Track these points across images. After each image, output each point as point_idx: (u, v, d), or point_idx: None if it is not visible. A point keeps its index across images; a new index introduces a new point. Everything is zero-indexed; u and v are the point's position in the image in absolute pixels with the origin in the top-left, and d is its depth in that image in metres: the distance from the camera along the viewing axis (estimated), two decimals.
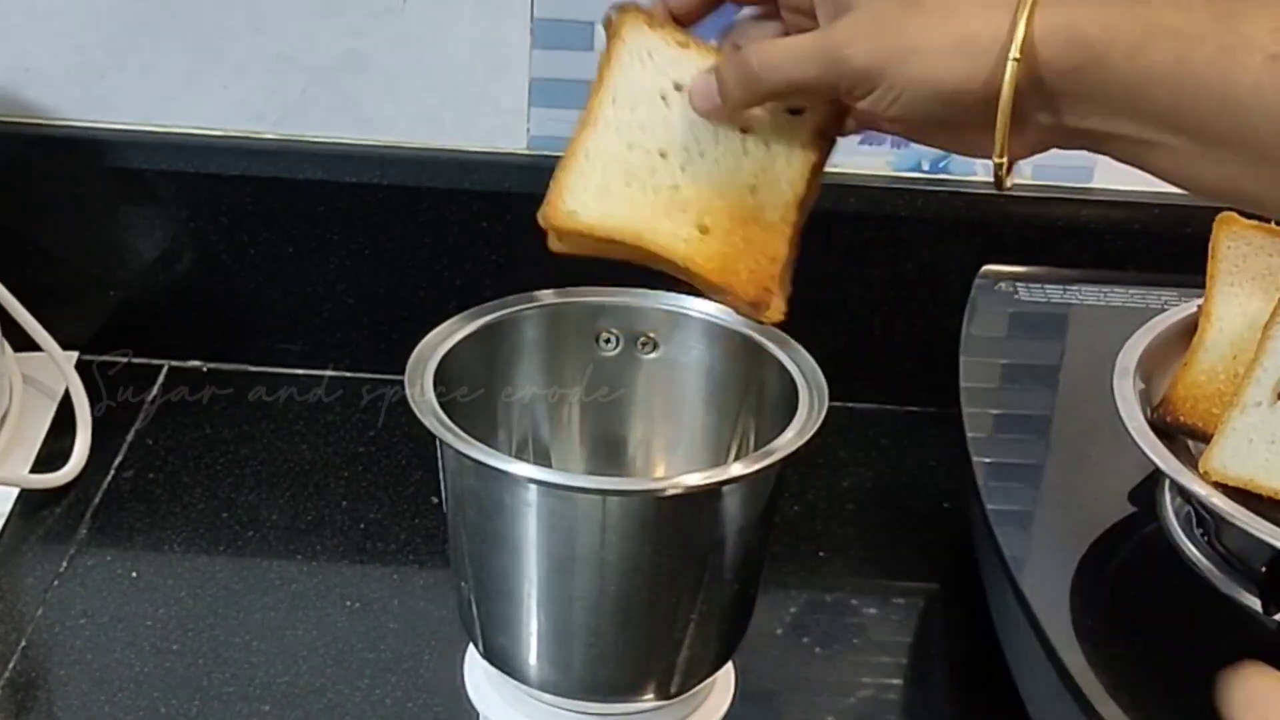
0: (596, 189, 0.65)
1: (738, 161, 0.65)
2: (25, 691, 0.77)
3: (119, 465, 0.93)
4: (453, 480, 0.66)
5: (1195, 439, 0.78)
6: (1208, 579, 0.75)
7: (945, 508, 0.94)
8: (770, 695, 0.80)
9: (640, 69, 0.66)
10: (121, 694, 0.77)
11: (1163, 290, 0.92)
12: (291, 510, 0.91)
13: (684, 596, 0.65)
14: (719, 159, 0.65)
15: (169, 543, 0.88)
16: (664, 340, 0.72)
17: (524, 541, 0.64)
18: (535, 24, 0.95)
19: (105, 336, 1.01)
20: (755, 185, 0.65)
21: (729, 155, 0.65)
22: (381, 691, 0.78)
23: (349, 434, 0.98)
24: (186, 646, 0.80)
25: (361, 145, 0.99)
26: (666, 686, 0.67)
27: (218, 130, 0.99)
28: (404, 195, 0.98)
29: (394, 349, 0.71)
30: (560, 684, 0.67)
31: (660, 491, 0.63)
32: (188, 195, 0.99)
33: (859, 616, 0.86)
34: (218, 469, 0.94)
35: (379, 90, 0.97)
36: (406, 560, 0.87)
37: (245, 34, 0.96)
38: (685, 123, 0.65)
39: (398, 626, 0.83)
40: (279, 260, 1.00)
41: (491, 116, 0.98)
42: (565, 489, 0.62)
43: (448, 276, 1.00)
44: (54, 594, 0.83)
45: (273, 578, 0.86)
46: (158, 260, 1.00)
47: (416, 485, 0.93)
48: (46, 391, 0.97)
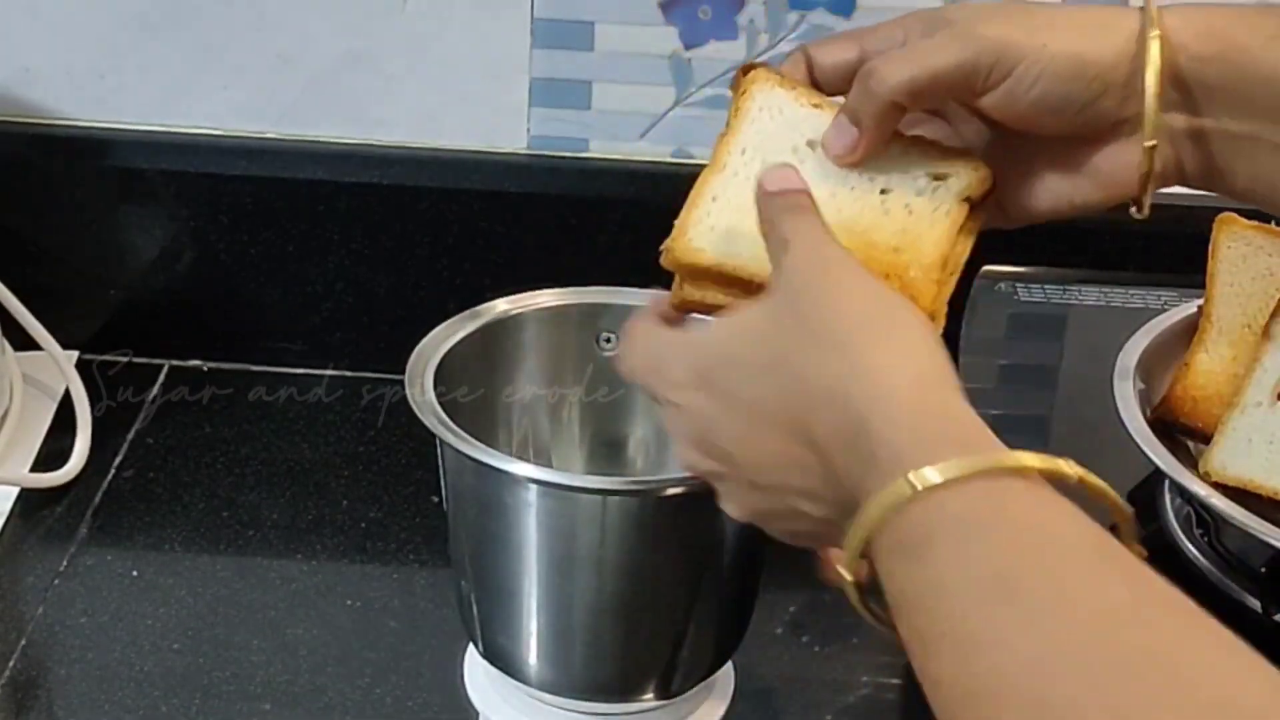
0: (724, 231, 0.61)
1: (876, 220, 0.61)
2: (26, 690, 0.77)
3: (119, 465, 0.93)
4: (453, 480, 0.66)
5: (1195, 439, 0.78)
6: (1208, 579, 0.75)
7: None
8: (770, 694, 0.80)
9: (770, 122, 0.62)
10: (122, 693, 0.77)
11: (1163, 290, 0.92)
12: (292, 510, 0.91)
13: (683, 596, 0.65)
14: (857, 215, 0.60)
15: (169, 542, 0.88)
16: None
17: (524, 541, 0.64)
18: (535, 24, 0.96)
19: (105, 336, 1.01)
20: (898, 246, 0.60)
21: (867, 212, 0.61)
22: (382, 690, 0.78)
23: (349, 434, 0.98)
24: (187, 645, 0.80)
25: (362, 145, 0.99)
26: (666, 686, 0.67)
27: (218, 130, 0.99)
28: (404, 195, 0.98)
29: (394, 349, 0.71)
30: (560, 683, 0.67)
31: (660, 491, 0.63)
32: (188, 195, 0.99)
33: (858, 616, 0.85)
34: (218, 468, 0.94)
35: (379, 90, 0.97)
36: (407, 560, 0.87)
37: (245, 34, 0.96)
38: (819, 177, 0.60)
39: (398, 626, 0.83)
40: (279, 260, 1.00)
41: (491, 116, 0.98)
42: (565, 489, 0.62)
43: (448, 276, 1.00)
44: (54, 593, 0.83)
45: (273, 577, 0.86)
46: (158, 260, 1.00)
47: (417, 485, 0.93)
48: (47, 391, 0.97)
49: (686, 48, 0.96)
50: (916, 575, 0.47)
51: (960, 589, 0.46)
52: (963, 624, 0.45)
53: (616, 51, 0.96)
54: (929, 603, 0.47)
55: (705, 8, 0.95)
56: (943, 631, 0.46)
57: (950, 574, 0.46)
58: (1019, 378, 0.91)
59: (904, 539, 0.48)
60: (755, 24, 0.95)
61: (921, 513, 0.47)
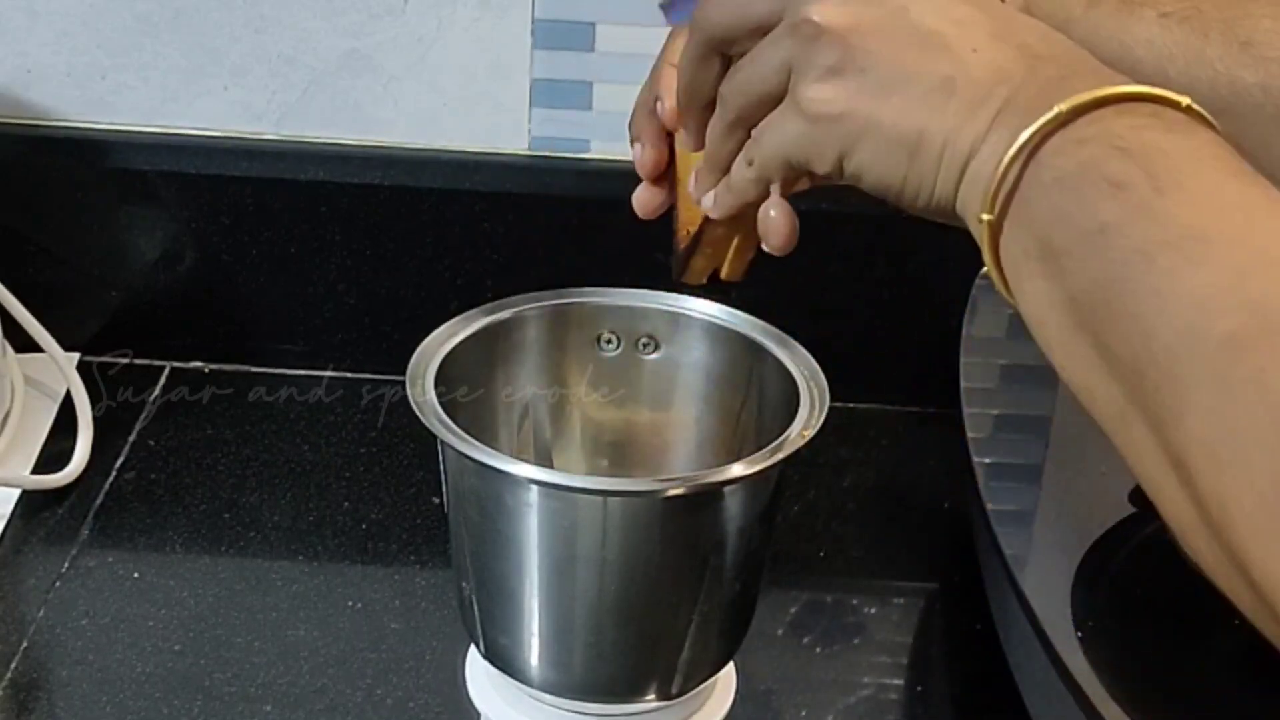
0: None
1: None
2: (27, 692, 0.77)
3: (120, 466, 0.93)
4: (454, 481, 0.66)
5: None
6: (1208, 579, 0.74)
7: (945, 508, 0.94)
8: (771, 695, 0.80)
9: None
10: (123, 694, 0.77)
11: None
12: (293, 511, 0.91)
13: (685, 597, 0.65)
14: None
15: (170, 543, 0.88)
16: (665, 341, 0.72)
17: (525, 542, 0.64)
18: (536, 24, 0.96)
19: (106, 337, 1.01)
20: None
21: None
22: (383, 691, 0.78)
23: (350, 434, 0.98)
24: (188, 647, 0.80)
25: (362, 146, 0.99)
26: (668, 687, 0.67)
27: (218, 131, 0.99)
28: (405, 196, 0.98)
29: (394, 349, 0.71)
30: (561, 684, 0.67)
31: (661, 492, 0.63)
32: (188, 196, 0.99)
33: (859, 616, 0.86)
34: (219, 469, 0.94)
35: (380, 91, 0.98)
36: (408, 560, 0.87)
37: (246, 34, 0.96)
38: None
39: (399, 627, 0.83)
40: (280, 261, 1.00)
41: (492, 117, 0.98)
42: (566, 489, 0.62)
43: (448, 277, 1.00)
44: (56, 595, 0.83)
45: (274, 578, 0.86)
46: (158, 261, 1.00)
47: (417, 486, 0.93)
48: (48, 392, 0.97)
49: None
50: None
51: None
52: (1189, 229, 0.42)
53: (617, 52, 0.96)
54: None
55: None
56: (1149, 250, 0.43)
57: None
58: (1019, 378, 0.91)
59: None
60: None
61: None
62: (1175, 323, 0.41)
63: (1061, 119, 0.46)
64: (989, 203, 0.47)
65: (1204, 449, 0.40)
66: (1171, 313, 0.41)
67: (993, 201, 0.47)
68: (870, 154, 0.51)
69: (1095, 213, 0.44)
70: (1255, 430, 0.38)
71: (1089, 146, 0.46)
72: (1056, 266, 0.46)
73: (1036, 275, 0.47)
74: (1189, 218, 0.43)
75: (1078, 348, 0.45)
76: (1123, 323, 0.43)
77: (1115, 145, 0.45)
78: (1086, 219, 0.45)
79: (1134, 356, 0.42)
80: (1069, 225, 0.45)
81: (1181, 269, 0.42)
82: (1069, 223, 0.45)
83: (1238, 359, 0.39)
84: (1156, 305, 0.42)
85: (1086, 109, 0.46)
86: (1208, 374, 0.40)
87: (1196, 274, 0.41)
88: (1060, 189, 0.46)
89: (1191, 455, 0.40)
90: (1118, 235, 0.44)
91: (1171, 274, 0.42)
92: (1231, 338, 0.40)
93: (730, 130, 0.57)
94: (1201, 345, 0.40)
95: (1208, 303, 0.41)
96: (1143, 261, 0.43)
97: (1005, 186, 0.47)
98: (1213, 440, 0.39)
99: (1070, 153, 0.46)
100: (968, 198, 0.49)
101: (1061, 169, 0.46)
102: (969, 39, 0.50)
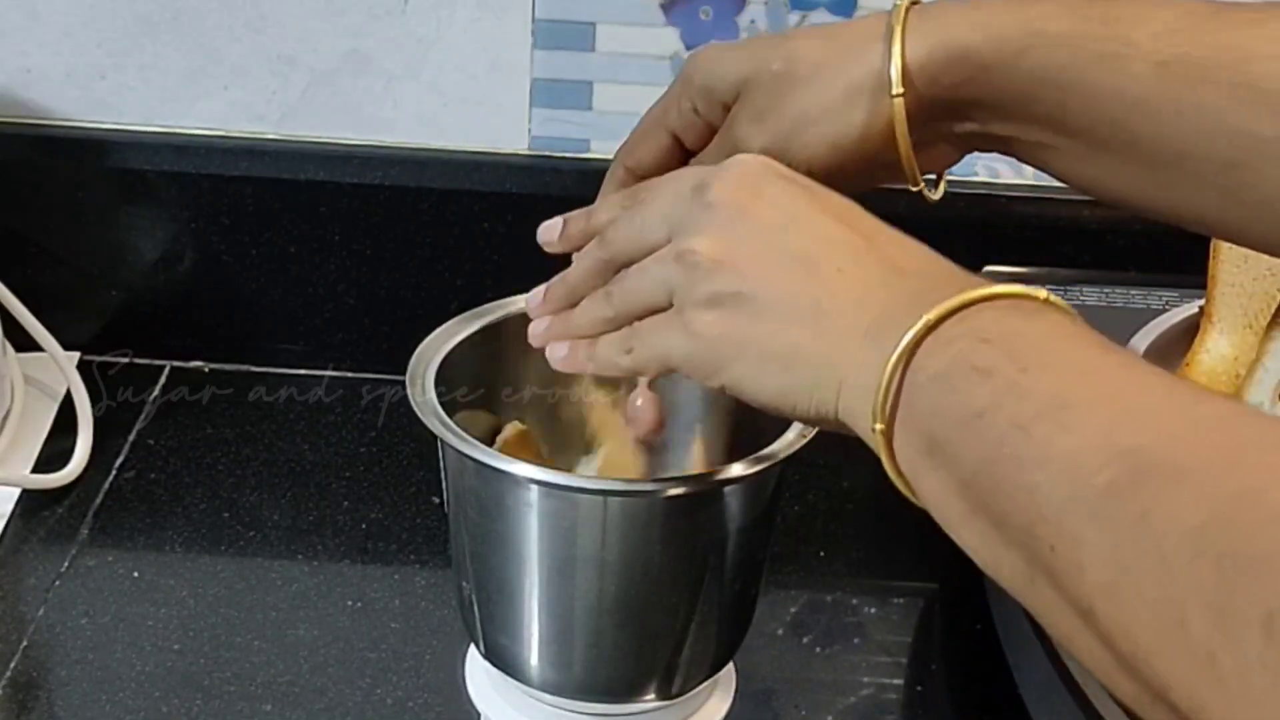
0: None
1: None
2: (27, 691, 0.77)
3: (120, 465, 0.93)
4: (454, 480, 0.66)
5: None
6: None
7: None
8: (771, 695, 0.80)
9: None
10: (123, 694, 0.77)
11: (1163, 290, 0.92)
12: (293, 510, 0.91)
13: (685, 597, 0.65)
14: None
15: (170, 543, 0.88)
16: None
17: (525, 542, 0.64)
18: (536, 24, 0.96)
19: (106, 337, 1.01)
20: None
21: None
22: (383, 691, 0.78)
23: (350, 434, 0.98)
24: (188, 646, 0.80)
25: (362, 146, 0.99)
26: (667, 687, 0.67)
27: (218, 131, 0.99)
28: (405, 196, 0.98)
29: (394, 349, 0.71)
30: (561, 684, 0.67)
31: (661, 492, 0.63)
32: (189, 196, 0.99)
33: (859, 616, 0.86)
34: (219, 469, 0.94)
35: (380, 91, 0.98)
36: (408, 560, 0.87)
37: (246, 34, 0.96)
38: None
39: (399, 626, 0.83)
40: (280, 261, 1.00)
41: (492, 117, 0.98)
42: (566, 489, 0.62)
43: (448, 277, 1.00)
44: (55, 594, 0.83)
45: (274, 578, 0.86)
46: (159, 261, 1.00)
47: (417, 485, 0.93)
48: (48, 392, 0.97)
49: (688, 48, 0.96)
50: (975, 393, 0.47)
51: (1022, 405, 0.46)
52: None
53: (618, 52, 0.96)
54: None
55: (706, 9, 0.95)
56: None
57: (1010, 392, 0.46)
58: None
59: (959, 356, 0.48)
60: (756, 25, 0.95)
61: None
62: (1059, 484, 0.44)
63: (929, 325, 0.49)
64: (878, 414, 0.50)
65: (1105, 591, 0.42)
66: (1054, 476, 0.44)
67: (881, 412, 0.50)
68: (747, 371, 0.54)
69: (969, 400, 0.47)
70: (1146, 562, 0.40)
71: (956, 344, 0.48)
72: (944, 457, 0.48)
73: (929, 469, 0.49)
74: (1053, 388, 0.46)
75: (978, 526, 0.47)
76: (1013, 495, 0.45)
77: (979, 338, 0.48)
78: (962, 407, 0.47)
79: (1029, 523, 0.44)
80: (948, 416, 0.48)
81: (1055, 435, 0.44)
82: (947, 414, 0.48)
83: (1121, 505, 0.42)
84: (1039, 472, 0.44)
85: (951, 313, 0.49)
86: (1097, 524, 0.42)
87: (1069, 437, 0.44)
88: (935, 386, 0.48)
89: (1096, 601, 0.42)
90: (992, 416, 0.46)
91: (1047, 441, 0.44)
92: (1111, 486, 0.42)
93: (605, 323, 0.60)
94: (1086, 499, 0.43)
95: (1084, 461, 0.43)
96: (1019, 435, 0.45)
97: (890, 396, 0.50)
98: (1111, 581, 0.41)
99: (940, 353, 0.49)
100: (853, 410, 0.52)
101: (934, 369, 0.49)
102: (835, 259, 0.54)
